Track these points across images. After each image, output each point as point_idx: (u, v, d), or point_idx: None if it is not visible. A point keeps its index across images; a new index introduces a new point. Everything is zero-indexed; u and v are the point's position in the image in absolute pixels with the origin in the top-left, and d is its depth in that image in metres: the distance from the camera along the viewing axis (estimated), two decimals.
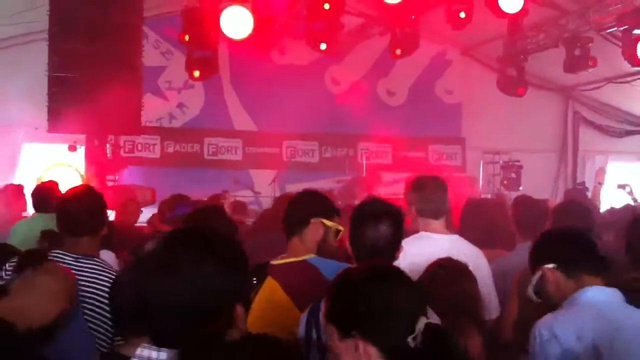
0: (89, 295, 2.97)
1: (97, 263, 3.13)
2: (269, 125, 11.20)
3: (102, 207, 3.35)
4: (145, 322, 1.73)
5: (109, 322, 2.93)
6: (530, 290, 2.72)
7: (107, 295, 2.95)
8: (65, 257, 3.09)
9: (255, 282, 2.86)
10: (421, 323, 1.77)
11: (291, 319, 2.68)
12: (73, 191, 3.42)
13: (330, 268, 2.95)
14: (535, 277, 2.71)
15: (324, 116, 11.18)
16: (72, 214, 3.24)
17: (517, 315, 3.58)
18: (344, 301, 1.85)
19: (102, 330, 2.94)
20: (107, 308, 2.94)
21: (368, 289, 1.84)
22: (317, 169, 11.42)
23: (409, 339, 1.75)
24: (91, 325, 2.92)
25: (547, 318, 2.56)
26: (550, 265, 2.66)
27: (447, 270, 3.07)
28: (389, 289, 1.85)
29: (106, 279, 3.04)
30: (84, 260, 3.10)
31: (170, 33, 9.70)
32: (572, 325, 2.49)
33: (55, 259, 3.02)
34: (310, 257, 3.00)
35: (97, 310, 2.96)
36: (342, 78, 11.72)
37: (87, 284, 2.99)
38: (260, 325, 2.32)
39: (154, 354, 1.68)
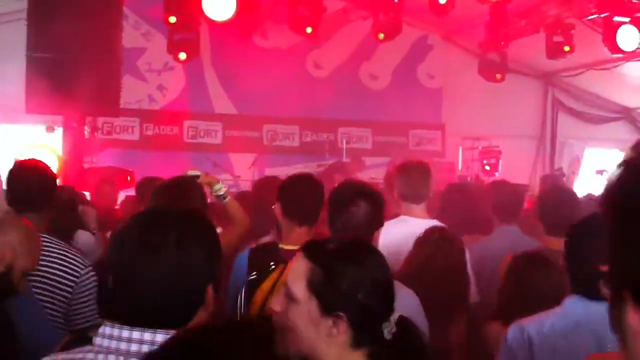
0: (39, 275, 2.85)
1: (47, 240, 2.97)
2: (250, 108, 11.16)
3: (48, 184, 3.19)
4: (124, 301, 1.67)
5: (58, 300, 2.88)
6: None
7: (59, 274, 2.91)
8: None
9: (273, 265, 2.80)
10: (395, 315, 1.76)
11: None
12: (19, 166, 3.26)
13: None
14: None
15: (305, 100, 11.14)
16: (17, 190, 3.11)
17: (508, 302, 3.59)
18: (342, 276, 1.75)
19: (50, 310, 2.87)
20: (57, 285, 2.89)
21: (364, 267, 1.79)
22: (297, 153, 11.40)
23: (384, 328, 1.72)
24: (44, 305, 2.85)
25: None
26: None
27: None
28: (382, 272, 1.82)
29: (59, 256, 2.94)
30: None
31: (151, 14, 9.60)
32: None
33: None
34: None
35: (45, 287, 2.88)
36: (324, 62, 11.68)
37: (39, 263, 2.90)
38: None
39: (135, 334, 1.60)
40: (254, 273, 2.78)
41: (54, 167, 7.08)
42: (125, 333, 1.59)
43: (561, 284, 2.65)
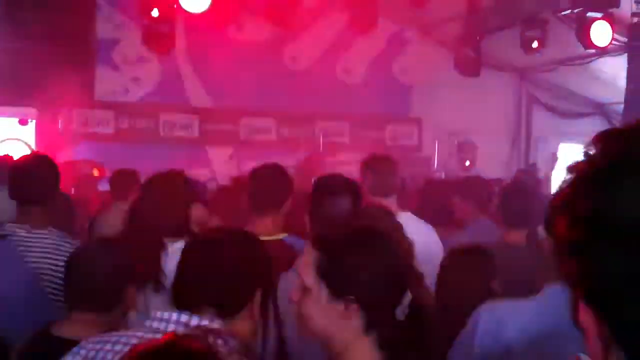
0: (45, 268, 2.93)
1: (50, 234, 3.06)
2: (226, 101, 11.10)
3: (53, 176, 3.24)
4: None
5: (61, 295, 2.90)
6: None
7: (59, 264, 2.93)
8: (18, 230, 3.01)
9: None
10: (408, 295, 1.77)
11: None
12: (23, 159, 3.34)
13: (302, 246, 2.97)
14: None
15: (282, 93, 11.11)
16: (21, 183, 3.15)
17: None
18: (346, 258, 1.80)
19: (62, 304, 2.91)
20: (60, 276, 2.91)
21: (371, 248, 1.82)
22: (275, 146, 11.37)
23: (397, 310, 1.74)
24: (53, 299, 2.91)
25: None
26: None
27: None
28: (390, 252, 1.84)
29: (62, 250, 2.99)
30: (36, 232, 3.03)
31: (125, 5, 9.50)
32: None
33: (6, 232, 2.94)
34: (284, 236, 3.02)
35: (56, 282, 2.90)
36: (300, 55, 11.65)
37: (41, 257, 2.95)
38: None
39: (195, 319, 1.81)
40: None
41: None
42: (175, 316, 1.80)
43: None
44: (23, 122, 8.68)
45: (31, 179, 3.14)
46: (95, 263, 2.52)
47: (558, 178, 8.35)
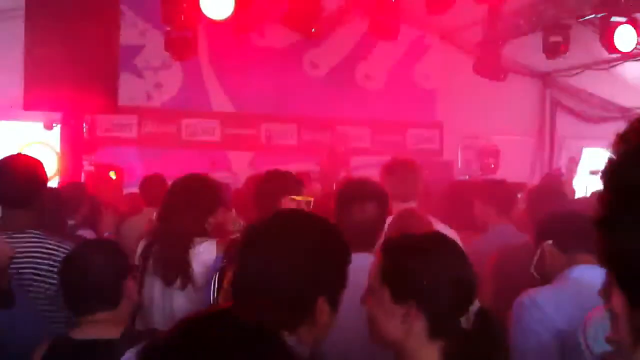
0: (27, 272, 2.85)
1: (33, 236, 2.95)
2: (248, 107, 11.16)
3: (36, 178, 3.10)
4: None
5: (49, 294, 2.88)
6: (532, 268, 2.76)
7: (47, 269, 2.90)
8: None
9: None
10: (475, 305, 1.76)
11: None
12: (5, 162, 3.13)
13: None
14: (537, 254, 2.76)
15: (303, 99, 11.15)
16: (2, 186, 3.02)
17: (492, 298, 3.62)
18: (407, 262, 1.80)
19: (44, 304, 2.87)
20: (49, 282, 2.88)
21: (435, 255, 1.82)
22: (295, 151, 11.40)
23: (462, 320, 1.73)
24: (37, 302, 2.85)
25: (531, 290, 2.61)
26: (549, 242, 2.71)
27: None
28: (454, 261, 1.84)
29: (44, 251, 2.92)
30: (17, 236, 2.92)
31: (148, 12, 9.59)
32: (554, 296, 2.53)
33: None
34: None
35: (35, 285, 2.87)
36: (320, 62, 11.67)
37: (23, 260, 2.85)
38: None
39: None
40: (224, 260, 2.87)
41: (52, 164, 7.10)
42: None
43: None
44: (48, 126, 8.79)
45: (12, 182, 2.99)
46: (87, 262, 2.50)
47: (581, 182, 8.30)
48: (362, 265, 1.92)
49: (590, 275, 2.57)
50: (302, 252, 1.66)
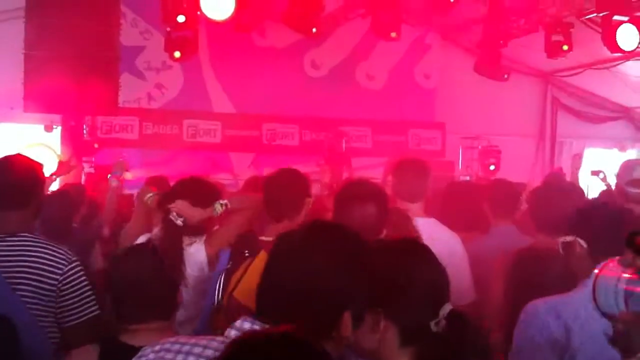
0: (19, 275, 2.78)
1: (26, 239, 2.87)
2: (249, 107, 11.14)
3: (31, 179, 3.00)
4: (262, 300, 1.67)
5: (44, 298, 2.81)
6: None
7: (40, 273, 2.82)
8: None
9: (247, 254, 2.84)
10: (446, 308, 1.73)
11: None
12: (0, 160, 3.02)
13: None
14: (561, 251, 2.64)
15: (304, 99, 11.14)
16: None
17: (504, 298, 3.58)
18: (374, 275, 1.72)
19: (37, 309, 2.79)
20: (40, 284, 2.80)
21: (400, 263, 1.78)
22: (297, 152, 11.38)
23: (432, 324, 1.71)
24: (29, 307, 2.76)
25: (541, 298, 2.53)
26: (580, 241, 2.58)
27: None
28: (421, 266, 1.79)
29: (37, 254, 2.84)
30: (10, 239, 2.84)
31: (149, 12, 9.58)
32: (561, 305, 2.46)
33: None
34: None
35: (31, 290, 2.79)
36: (321, 62, 11.66)
37: (15, 263, 2.79)
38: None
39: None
40: (230, 263, 2.84)
41: (52, 166, 7.08)
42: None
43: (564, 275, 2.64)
44: (48, 128, 8.78)
45: (4, 183, 2.90)
46: (145, 273, 2.54)
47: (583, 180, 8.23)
48: None
49: None
50: (335, 266, 1.62)
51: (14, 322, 2.37)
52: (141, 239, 3.43)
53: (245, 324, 1.59)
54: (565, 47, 9.17)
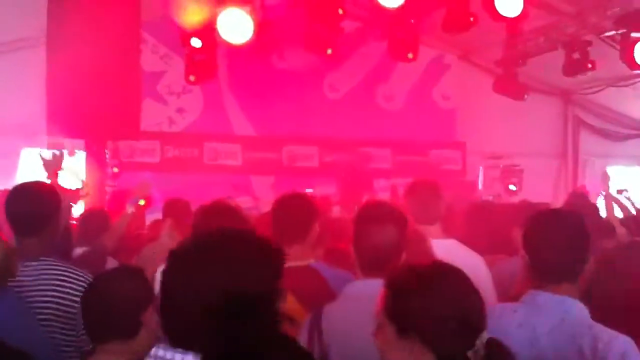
0: (40, 298, 2.82)
1: (46, 263, 2.92)
2: (268, 130, 11.20)
3: (49, 205, 3.05)
4: (165, 321, 1.70)
5: (65, 321, 2.84)
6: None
7: (63, 296, 2.86)
8: None
9: None
10: (484, 337, 1.73)
11: (298, 323, 2.67)
12: (19, 188, 3.11)
13: (331, 274, 2.94)
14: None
15: (323, 121, 11.18)
16: (13, 213, 2.99)
17: None
18: (409, 299, 1.78)
19: (61, 332, 2.83)
20: (61, 307, 2.84)
21: (437, 291, 1.78)
22: (317, 173, 11.39)
23: (470, 353, 1.71)
24: (49, 330, 2.80)
25: None
26: None
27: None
28: (458, 295, 1.79)
29: (57, 278, 2.88)
30: (32, 264, 2.89)
31: (170, 38, 9.68)
32: None
33: None
34: (312, 262, 2.99)
35: (54, 314, 2.83)
36: (340, 84, 11.70)
37: (39, 289, 2.84)
38: None
39: (178, 356, 1.63)
40: None
41: (74, 191, 7.14)
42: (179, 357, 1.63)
43: None
44: (71, 153, 8.86)
45: (23, 212, 2.96)
46: (108, 290, 2.46)
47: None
48: (377, 293, 1.90)
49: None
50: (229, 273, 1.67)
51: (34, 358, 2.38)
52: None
53: (159, 352, 1.66)
54: (585, 66, 9.12)
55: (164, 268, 1.75)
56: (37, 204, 3.00)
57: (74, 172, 7.77)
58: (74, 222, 5.20)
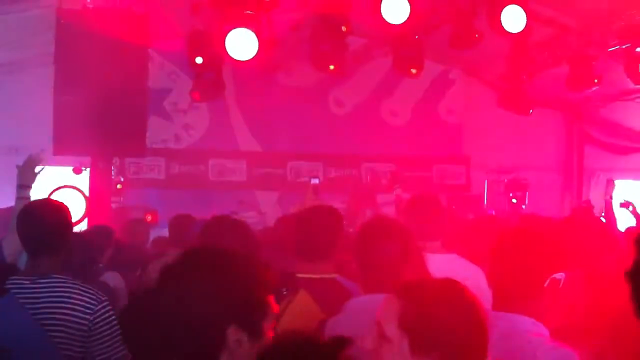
0: (50, 316, 2.84)
1: (57, 280, 2.94)
2: (274, 146, 11.22)
3: (62, 223, 3.09)
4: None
5: (74, 339, 2.86)
6: None
7: (72, 313, 2.88)
8: (22, 282, 2.91)
9: (285, 292, 2.83)
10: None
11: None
12: (31, 206, 3.17)
13: (352, 286, 2.95)
14: None
15: (328, 137, 11.21)
16: (27, 233, 3.03)
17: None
18: (440, 317, 1.70)
19: (68, 350, 2.84)
20: (71, 324, 2.87)
21: (462, 308, 1.74)
22: (322, 189, 11.37)
23: None
24: (61, 347, 2.82)
25: None
26: None
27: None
28: (474, 311, 1.76)
29: (69, 295, 2.90)
30: (42, 281, 2.91)
31: (176, 55, 9.75)
32: None
33: (11, 286, 2.84)
34: (335, 275, 3.02)
35: (63, 331, 2.85)
36: (345, 99, 11.74)
37: (47, 306, 2.86)
38: None
39: None
40: None
41: (80, 208, 7.18)
42: None
43: None
44: (77, 170, 8.91)
45: (37, 228, 2.99)
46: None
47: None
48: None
49: None
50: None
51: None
52: None
53: None
54: (590, 80, 9.13)
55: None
56: (46, 223, 3.02)
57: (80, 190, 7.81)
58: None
